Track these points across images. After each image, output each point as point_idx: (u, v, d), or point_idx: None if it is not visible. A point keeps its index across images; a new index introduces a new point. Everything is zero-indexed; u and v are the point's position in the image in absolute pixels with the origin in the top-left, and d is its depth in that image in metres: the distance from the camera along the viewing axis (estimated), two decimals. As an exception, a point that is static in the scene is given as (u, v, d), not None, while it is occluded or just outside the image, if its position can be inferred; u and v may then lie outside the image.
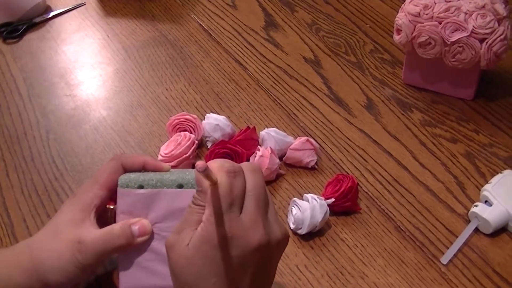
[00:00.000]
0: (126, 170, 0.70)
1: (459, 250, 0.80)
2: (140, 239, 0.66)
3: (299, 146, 0.90)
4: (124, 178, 0.68)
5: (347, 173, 0.90)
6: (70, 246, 0.65)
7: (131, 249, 0.66)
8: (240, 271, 0.58)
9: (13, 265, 0.66)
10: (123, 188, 0.67)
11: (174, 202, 0.66)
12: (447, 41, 0.94)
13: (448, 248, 0.80)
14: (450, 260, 0.79)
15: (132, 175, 0.68)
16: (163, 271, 0.65)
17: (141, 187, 0.67)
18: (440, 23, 0.94)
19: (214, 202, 0.57)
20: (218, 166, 0.59)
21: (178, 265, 0.59)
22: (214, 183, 0.58)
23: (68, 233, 0.66)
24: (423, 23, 0.95)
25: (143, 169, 0.69)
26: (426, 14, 0.95)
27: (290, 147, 0.90)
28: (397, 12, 0.99)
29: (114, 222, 0.67)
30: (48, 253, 0.66)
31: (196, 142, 0.91)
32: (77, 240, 0.65)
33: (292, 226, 0.82)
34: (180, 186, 0.66)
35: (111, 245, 0.65)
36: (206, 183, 0.58)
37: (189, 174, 0.67)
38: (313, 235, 0.82)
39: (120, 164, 0.69)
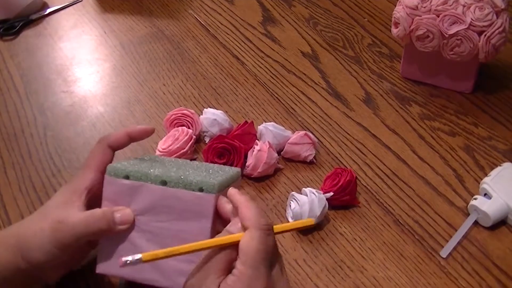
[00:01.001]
0: (114, 149, 0.71)
1: (459, 243, 0.80)
2: (120, 227, 0.65)
3: (297, 140, 0.89)
4: (112, 166, 0.68)
5: (346, 167, 0.90)
6: (52, 225, 0.65)
7: (111, 236, 0.66)
8: None
9: (1, 242, 0.67)
10: (110, 176, 0.67)
11: (155, 198, 0.66)
12: (445, 34, 0.93)
13: (447, 241, 0.80)
14: (450, 254, 0.79)
15: (120, 165, 0.68)
16: (169, 264, 0.65)
17: (126, 177, 0.67)
18: (438, 16, 0.94)
19: (250, 255, 0.58)
20: (255, 219, 0.60)
21: None
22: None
23: (54, 214, 0.66)
24: (421, 16, 0.95)
25: (131, 141, 0.72)
26: (424, 7, 0.95)
27: (288, 141, 0.90)
28: (395, 6, 0.99)
29: None
30: (32, 231, 0.66)
31: (194, 137, 0.91)
32: (59, 220, 0.65)
33: (290, 220, 0.81)
34: (164, 182, 0.66)
35: (91, 228, 0.65)
36: (238, 232, 0.59)
37: (175, 172, 0.67)
38: (312, 229, 0.82)
39: (106, 145, 0.71)
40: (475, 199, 0.83)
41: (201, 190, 0.65)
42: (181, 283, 0.62)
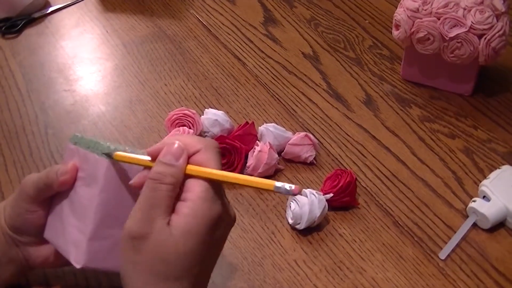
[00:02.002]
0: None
1: (457, 245, 0.80)
2: (61, 178, 0.67)
3: (298, 141, 0.90)
4: (75, 135, 0.70)
5: (346, 168, 0.90)
6: (20, 185, 0.69)
7: (59, 198, 0.68)
8: (219, 248, 0.58)
9: None
10: (69, 142, 0.70)
11: (80, 161, 0.67)
12: (445, 37, 0.94)
13: (446, 243, 0.81)
14: (448, 255, 0.79)
15: (80, 135, 0.69)
16: (70, 232, 0.66)
17: (75, 143, 0.68)
18: (439, 19, 0.94)
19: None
20: (205, 141, 0.57)
21: (162, 257, 0.54)
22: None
23: None
24: (421, 18, 0.95)
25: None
26: (425, 10, 0.95)
27: (289, 142, 0.90)
28: (396, 8, 0.99)
29: None
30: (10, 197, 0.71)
31: (195, 137, 0.91)
32: (25, 178, 0.69)
33: (290, 221, 0.82)
34: (87, 147, 0.66)
35: (43, 179, 0.67)
36: (183, 157, 0.56)
37: (110, 145, 0.66)
38: (312, 230, 0.82)
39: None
40: (474, 201, 0.83)
41: (107, 155, 0.63)
42: (69, 253, 0.64)
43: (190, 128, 0.92)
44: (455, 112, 1.00)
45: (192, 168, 0.56)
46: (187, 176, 0.56)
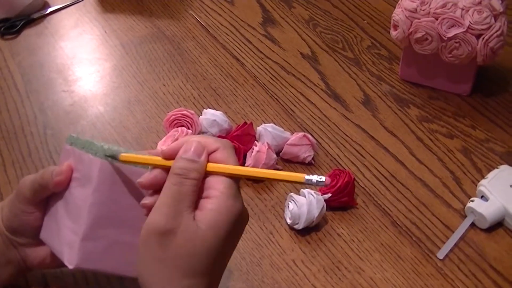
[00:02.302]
0: None
1: (456, 245, 0.81)
2: (56, 178, 0.67)
3: (296, 142, 0.90)
4: (70, 135, 0.70)
5: (344, 168, 0.90)
6: (17, 187, 0.70)
7: (55, 199, 0.68)
8: (235, 245, 0.59)
9: None
10: (66, 143, 0.70)
11: (75, 162, 0.67)
12: (443, 37, 0.94)
13: (444, 243, 0.81)
14: (447, 255, 0.80)
15: (76, 136, 0.69)
16: (64, 233, 0.65)
17: (71, 144, 0.69)
18: (437, 19, 0.94)
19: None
20: (221, 140, 0.58)
21: (189, 251, 0.53)
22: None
23: None
24: (419, 19, 0.95)
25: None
26: (423, 10, 0.95)
27: (287, 142, 0.90)
28: (395, 8, 1.00)
29: None
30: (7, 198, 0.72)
31: (194, 137, 0.91)
32: (21, 180, 0.70)
33: (289, 221, 0.82)
34: (82, 148, 0.66)
35: (38, 180, 0.68)
36: (204, 154, 0.56)
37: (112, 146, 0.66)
38: (310, 230, 0.82)
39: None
40: (472, 201, 0.83)
41: (111, 157, 0.63)
42: (63, 253, 0.64)
43: (188, 128, 0.92)
44: (453, 112, 1.00)
45: (213, 166, 0.56)
46: (208, 174, 0.56)
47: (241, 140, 0.89)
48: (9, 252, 0.70)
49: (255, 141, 0.91)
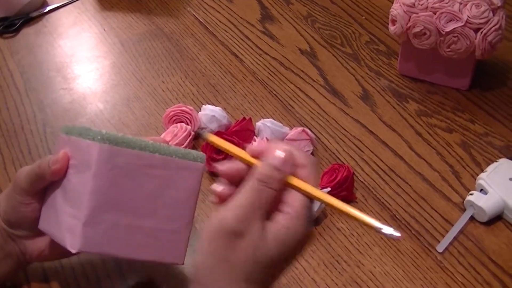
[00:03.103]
0: None
1: (455, 238, 0.81)
2: (53, 167, 0.66)
3: (295, 137, 0.90)
4: (66, 125, 0.70)
5: (343, 163, 0.90)
6: (14, 178, 0.70)
7: (52, 189, 0.68)
8: (291, 264, 0.58)
9: None
10: (60, 132, 0.70)
11: (72, 149, 0.67)
12: (442, 31, 0.94)
13: (443, 236, 0.81)
14: (446, 249, 0.80)
15: (76, 125, 0.69)
16: (64, 220, 0.65)
17: (67, 133, 0.69)
18: (435, 13, 0.94)
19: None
20: (310, 158, 0.57)
21: (253, 258, 0.53)
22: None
23: None
24: (418, 13, 0.95)
25: None
26: (421, 5, 0.95)
27: (286, 137, 0.90)
28: (392, 3, 1.00)
29: None
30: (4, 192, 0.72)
31: (193, 133, 0.92)
32: (17, 173, 0.70)
33: (288, 216, 0.82)
34: (79, 135, 0.66)
35: (35, 170, 0.68)
36: (291, 166, 0.55)
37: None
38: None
39: None
40: (471, 194, 0.83)
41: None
42: (65, 239, 0.64)
43: (187, 124, 0.92)
44: (452, 106, 1.00)
45: (296, 181, 0.55)
46: (287, 186, 0.55)
47: (240, 135, 0.89)
48: (8, 246, 0.71)
49: (254, 137, 0.91)
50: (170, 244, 0.68)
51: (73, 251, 0.63)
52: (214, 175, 0.88)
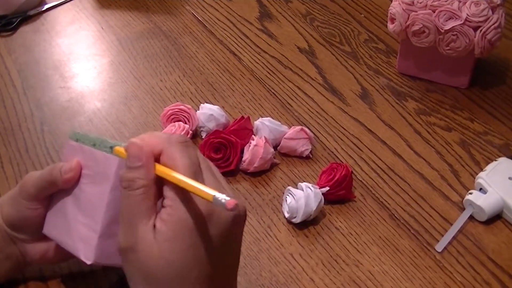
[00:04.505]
0: None
1: (454, 237, 0.80)
2: (65, 176, 0.66)
3: (294, 135, 0.90)
4: (73, 131, 0.70)
5: (342, 161, 0.90)
6: (20, 182, 0.69)
7: (61, 195, 0.68)
8: (222, 253, 0.53)
9: None
10: (69, 139, 0.70)
11: (85, 159, 0.67)
12: (441, 30, 0.94)
13: (442, 235, 0.81)
14: (445, 248, 0.79)
15: (81, 131, 0.70)
16: (77, 229, 0.65)
17: (76, 140, 0.68)
18: (434, 12, 0.94)
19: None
20: (166, 138, 0.54)
21: (150, 267, 0.51)
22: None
23: None
24: (417, 11, 0.95)
25: None
26: (420, 3, 0.95)
27: (285, 136, 0.90)
28: (391, 1, 0.99)
29: None
30: (7, 193, 0.71)
31: (191, 132, 0.91)
32: (25, 177, 0.69)
33: (286, 215, 0.82)
34: (93, 145, 0.66)
35: (45, 177, 0.67)
36: (146, 156, 0.52)
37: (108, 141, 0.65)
38: (308, 223, 0.82)
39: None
40: (471, 193, 0.83)
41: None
42: (78, 249, 0.64)
43: (185, 123, 0.92)
44: (451, 105, 1.00)
45: (159, 169, 0.53)
46: (160, 178, 0.53)
47: (238, 134, 0.89)
48: (9, 248, 0.70)
49: (253, 135, 0.90)
50: None
51: (88, 262, 0.63)
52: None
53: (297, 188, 0.82)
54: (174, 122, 0.92)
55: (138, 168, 0.52)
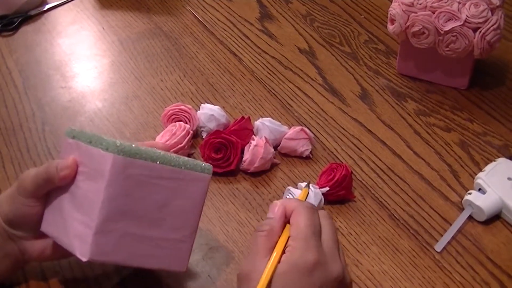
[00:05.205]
0: None
1: (453, 237, 0.81)
2: (61, 173, 0.67)
3: (294, 136, 0.90)
4: (69, 128, 0.71)
5: (342, 162, 0.90)
6: (18, 180, 0.70)
7: (58, 193, 0.68)
8: None
9: None
10: (65, 136, 0.71)
11: (81, 156, 0.67)
12: (440, 31, 0.94)
13: (442, 235, 0.81)
14: (444, 248, 0.80)
15: (77, 128, 0.70)
16: (73, 226, 0.66)
17: (73, 137, 0.69)
18: (434, 13, 0.94)
19: (300, 230, 0.60)
20: (300, 202, 0.63)
21: None
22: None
23: None
24: (416, 12, 0.95)
25: None
26: (420, 4, 0.95)
27: (285, 136, 0.90)
28: (391, 3, 1.00)
29: None
30: (6, 192, 0.72)
31: (191, 132, 0.92)
32: (24, 174, 0.70)
33: (286, 215, 0.82)
34: (89, 142, 0.66)
35: (41, 174, 0.68)
36: (279, 210, 0.62)
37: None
38: (308, 223, 0.82)
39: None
40: (470, 194, 0.83)
41: (115, 151, 0.63)
42: (74, 246, 0.64)
43: (186, 123, 0.92)
44: (450, 105, 1.00)
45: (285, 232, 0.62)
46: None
47: (238, 134, 0.89)
48: (7, 246, 0.70)
49: (253, 136, 0.91)
50: (175, 253, 0.69)
51: (83, 259, 0.63)
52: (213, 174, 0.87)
53: (297, 188, 0.82)
54: (175, 122, 0.92)
55: (269, 219, 0.62)
